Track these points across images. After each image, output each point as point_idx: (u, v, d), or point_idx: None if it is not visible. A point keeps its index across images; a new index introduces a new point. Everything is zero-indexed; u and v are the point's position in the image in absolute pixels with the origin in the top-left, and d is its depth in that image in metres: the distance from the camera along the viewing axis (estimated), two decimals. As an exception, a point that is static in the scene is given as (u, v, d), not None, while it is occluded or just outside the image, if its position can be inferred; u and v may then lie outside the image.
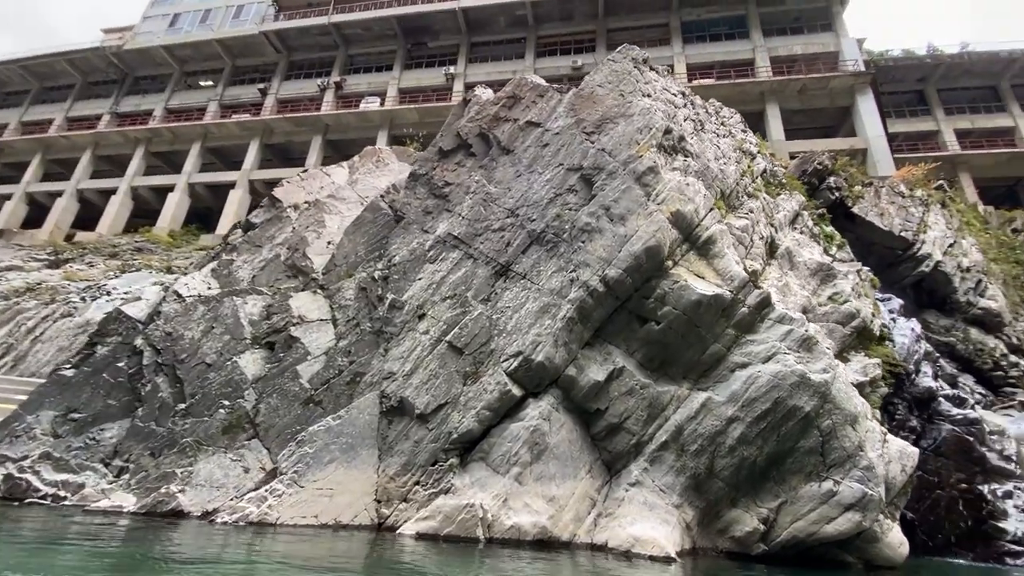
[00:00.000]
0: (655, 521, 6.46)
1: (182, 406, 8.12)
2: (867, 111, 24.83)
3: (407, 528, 6.44)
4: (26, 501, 7.20)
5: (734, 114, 12.09)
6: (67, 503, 7.20)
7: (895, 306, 11.44)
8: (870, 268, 11.38)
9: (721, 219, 8.51)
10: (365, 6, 33.72)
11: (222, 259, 10.24)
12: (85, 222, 31.90)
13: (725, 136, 10.67)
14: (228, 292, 9.46)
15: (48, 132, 35.91)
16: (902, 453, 7.14)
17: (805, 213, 11.43)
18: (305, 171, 12.12)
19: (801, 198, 11.64)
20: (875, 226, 14.07)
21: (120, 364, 8.87)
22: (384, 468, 7.13)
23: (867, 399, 7.79)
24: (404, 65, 33.65)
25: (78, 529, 6.01)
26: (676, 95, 9.97)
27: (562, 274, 7.69)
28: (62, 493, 7.34)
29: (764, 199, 10.26)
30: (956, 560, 8.04)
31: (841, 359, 8.50)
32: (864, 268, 11.03)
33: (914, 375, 9.90)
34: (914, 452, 7.29)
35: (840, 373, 7.11)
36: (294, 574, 4.65)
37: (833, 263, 10.21)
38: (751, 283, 7.57)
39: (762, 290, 7.56)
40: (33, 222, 32.70)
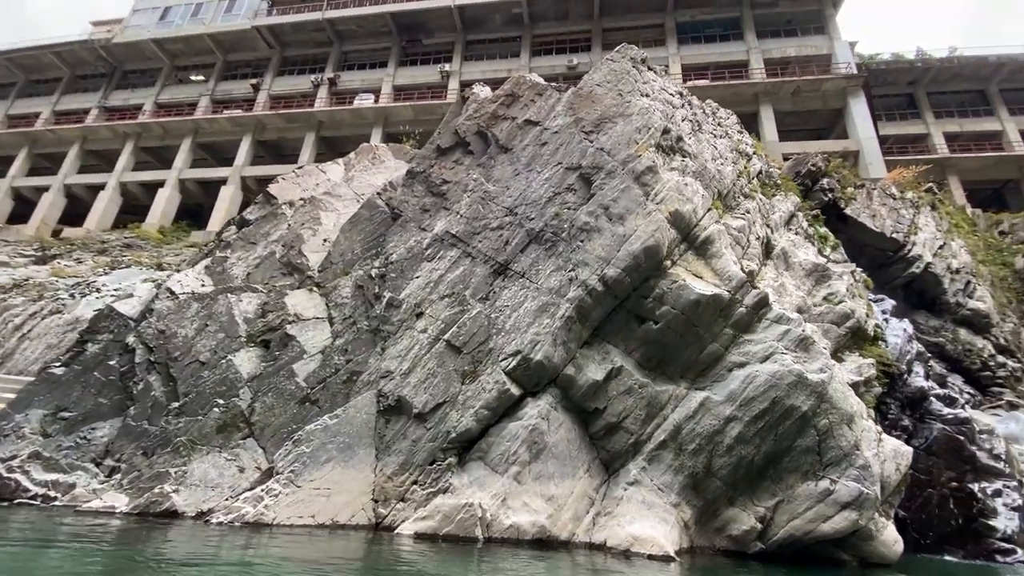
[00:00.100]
0: (654, 520, 6.47)
1: (175, 405, 8.01)
2: (859, 114, 25.09)
3: (405, 528, 6.41)
4: (15, 502, 7.07)
5: (730, 115, 12.13)
6: (57, 503, 7.08)
7: (888, 307, 11.58)
8: (862, 269, 11.49)
9: (718, 219, 8.55)
10: (360, 2, 33.45)
11: (216, 256, 10.11)
12: (72, 218, 31.39)
13: (722, 137, 10.71)
14: (222, 289, 9.35)
15: (34, 126, 35.30)
16: (896, 452, 7.22)
17: (800, 214, 11.52)
18: (300, 168, 12.00)
19: (796, 199, 11.73)
20: (867, 227, 14.23)
21: (111, 362, 8.73)
22: (382, 467, 7.08)
23: (862, 399, 7.86)
24: (399, 62, 33.46)
25: (69, 530, 5.90)
26: (674, 95, 9.99)
27: (561, 273, 7.68)
28: (52, 493, 7.22)
29: (760, 200, 10.32)
30: (947, 558, 8.16)
31: (836, 359, 8.57)
32: (858, 269, 11.13)
33: (906, 375, 10.02)
34: (908, 451, 7.37)
35: (836, 373, 7.17)
36: (294, 574, 4.60)
37: (828, 264, 10.30)
38: (748, 283, 7.61)
39: (759, 290, 7.60)
40: (19, 217, 32.13)
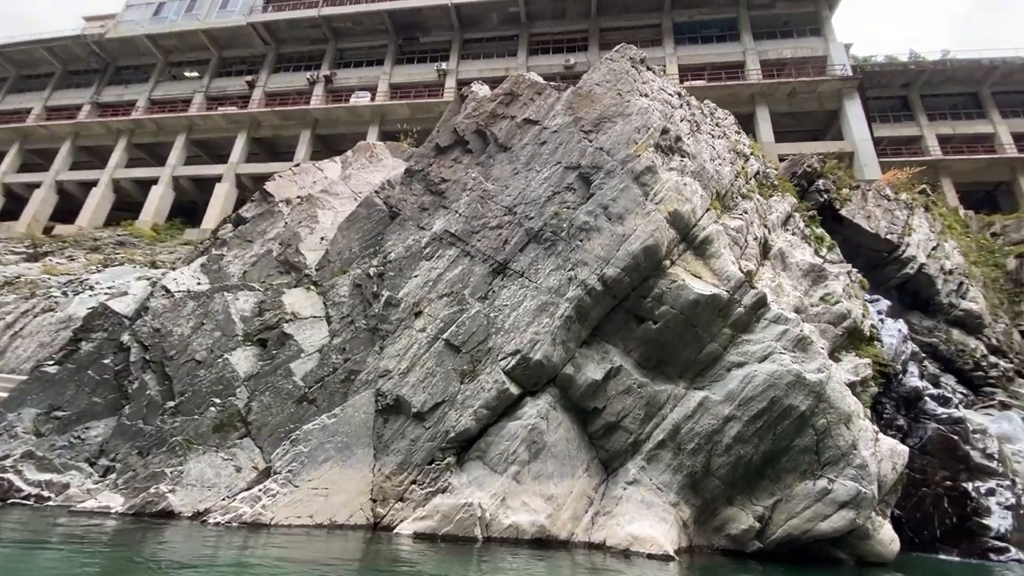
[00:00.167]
0: (653, 519, 6.48)
1: (171, 404, 7.94)
2: (854, 115, 25.25)
3: (404, 528, 6.38)
4: (8, 502, 6.97)
5: (728, 115, 12.17)
6: (51, 504, 7.00)
7: (883, 307, 11.66)
8: (857, 270, 11.56)
9: (717, 219, 8.56)
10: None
11: (212, 254, 10.03)
12: (64, 215, 31.07)
13: (720, 137, 10.74)
14: (219, 288, 9.27)
15: (26, 121, 34.89)
16: (893, 451, 7.27)
17: (797, 215, 11.57)
18: (297, 165, 11.93)
19: (793, 200, 11.78)
20: (862, 228, 14.32)
21: (106, 361, 8.64)
22: (380, 467, 7.05)
23: (858, 398, 7.90)
24: (395, 60, 33.34)
25: (64, 531, 5.83)
26: (672, 95, 10.01)
27: (560, 272, 7.67)
28: (46, 493, 7.13)
29: (758, 200, 10.36)
30: (942, 556, 8.23)
31: (833, 359, 8.61)
32: (854, 270, 11.20)
33: (901, 375, 10.09)
34: (904, 450, 7.43)
35: (834, 373, 7.21)
36: (293, 575, 4.56)
37: (824, 264, 10.35)
38: (747, 283, 7.63)
39: (758, 290, 7.63)
40: (10, 214, 31.77)
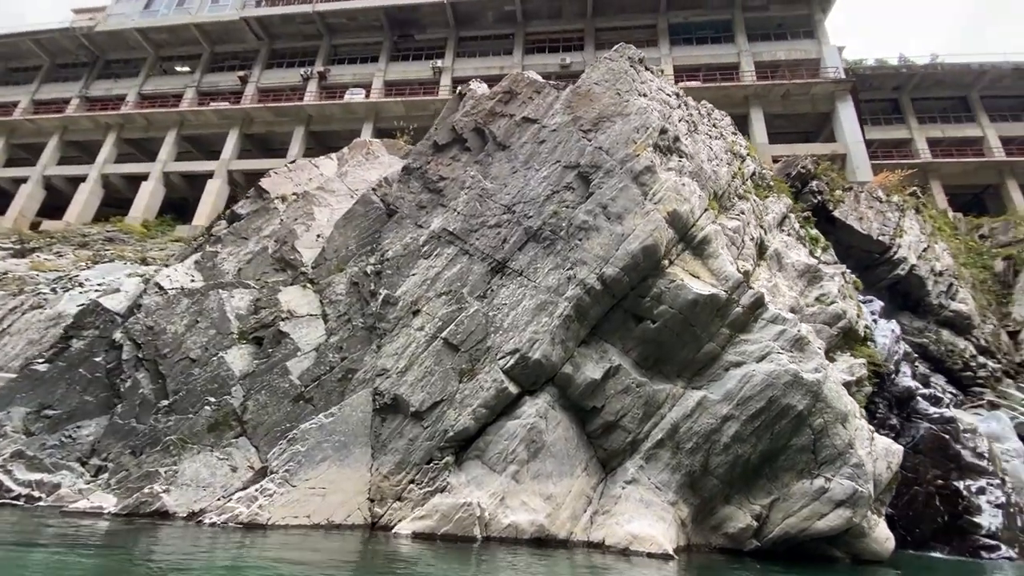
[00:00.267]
0: (651, 518, 6.50)
1: (165, 403, 7.84)
2: (847, 118, 25.44)
3: (403, 527, 6.34)
4: (-3, 502, 6.86)
5: (725, 116, 12.22)
6: (42, 504, 6.88)
7: (876, 308, 11.78)
8: (850, 270, 11.68)
9: (715, 220, 8.59)
10: (351, -5, 33.02)
11: (206, 251, 9.91)
12: (52, 210, 30.52)
13: (717, 138, 10.79)
14: (213, 285, 9.16)
15: (12, 115, 34.22)
16: (887, 450, 7.35)
17: (792, 216, 11.66)
18: (292, 162, 11.81)
19: (788, 201, 11.87)
20: (854, 230, 14.46)
21: (97, 359, 8.51)
22: (378, 467, 7.01)
23: (853, 398, 7.97)
24: (390, 57, 33.10)
25: (54, 531, 5.73)
26: (671, 96, 10.03)
27: (559, 272, 7.66)
28: (36, 493, 7.01)
29: (754, 201, 10.41)
30: (934, 554, 8.34)
31: (828, 359, 8.68)
32: (848, 270, 11.31)
33: (894, 375, 10.21)
34: (899, 449, 7.51)
35: (831, 373, 7.27)
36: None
37: (819, 265, 10.44)
38: (745, 283, 7.67)
39: (755, 290, 7.66)
40: (-5, 209, 31.15)
